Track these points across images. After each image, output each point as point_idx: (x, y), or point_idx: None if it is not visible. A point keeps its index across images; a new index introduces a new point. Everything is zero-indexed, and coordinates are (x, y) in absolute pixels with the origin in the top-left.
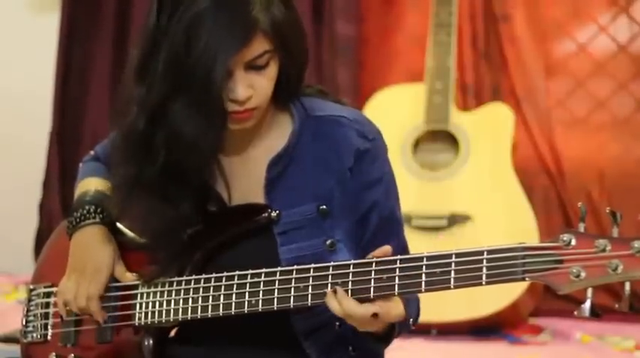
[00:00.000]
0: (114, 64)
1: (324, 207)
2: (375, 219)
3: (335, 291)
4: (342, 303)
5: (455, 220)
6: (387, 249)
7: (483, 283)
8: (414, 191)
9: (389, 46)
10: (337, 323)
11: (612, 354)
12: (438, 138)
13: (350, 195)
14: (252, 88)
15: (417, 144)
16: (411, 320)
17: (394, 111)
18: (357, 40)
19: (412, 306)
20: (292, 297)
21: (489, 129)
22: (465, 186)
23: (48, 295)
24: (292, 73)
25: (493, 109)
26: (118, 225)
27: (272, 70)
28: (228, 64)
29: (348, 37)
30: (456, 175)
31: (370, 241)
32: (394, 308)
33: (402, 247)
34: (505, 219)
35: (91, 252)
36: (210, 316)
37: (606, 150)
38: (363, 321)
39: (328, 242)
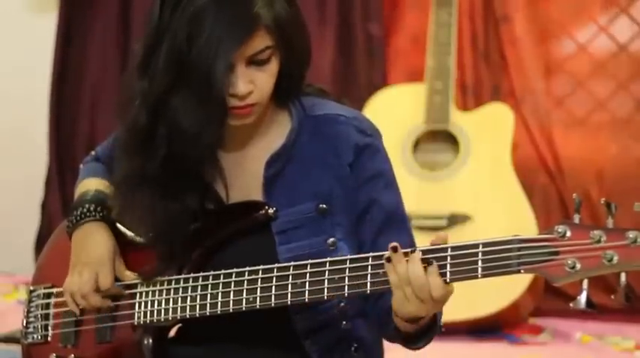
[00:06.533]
0: (111, 64)
1: (324, 205)
2: (378, 216)
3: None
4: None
5: (455, 220)
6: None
7: (479, 276)
8: (414, 191)
9: (389, 46)
10: (343, 322)
11: (612, 354)
12: (438, 138)
13: (350, 192)
14: (252, 83)
15: (417, 144)
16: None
17: (394, 111)
18: (382, 41)
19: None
20: (290, 294)
21: (489, 129)
22: (465, 186)
23: (48, 296)
24: (293, 70)
25: (493, 109)
26: (118, 225)
27: (273, 66)
28: (230, 58)
29: (377, 38)
30: (456, 175)
31: (376, 239)
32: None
33: (410, 245)
34: (505, 218)
35: (92, 247)
36: (208, 314)
37: (606, 150)
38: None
39: (329, 241)
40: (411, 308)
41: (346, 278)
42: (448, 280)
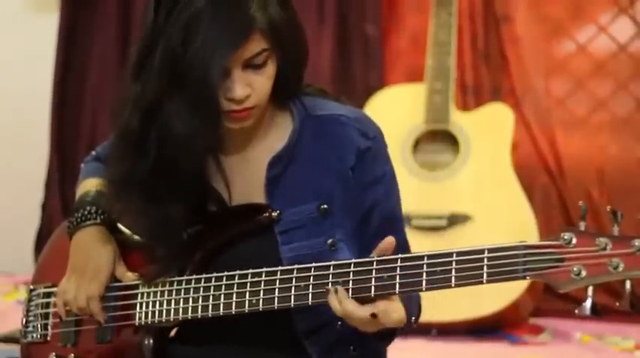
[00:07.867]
0: (112, 64)
1: (325, 206)
2: (377, 219)
3: (336, 291)
4: (342, 303)
5: (455, 220)
6: (391, 240)
7: (484, 282)
8: (414, 191)
9: (389, 46)
10: (339, 323)
11: (612, 354)
12: (438, 138)
13: (351, 194)
14: (250, 86)
15: (417, 144)
16: (413, 318)
17: (394, 111)
18: (380, 41)
19: (413, 305)
20: (293, 296)
21: (489, 129)
22: (465, 186)
23: (48, 295)
24: (291, 72)
25: (493, 109)
26: (119, 225)
27: (270, 69)
28: (226, 62)
29: (375, 39)
30: (456, 175)
31: (372, 241)
32: (395, 312)
33: (403, 245)
34: (505, 218)
35: (91, 252)
36: (210, 316)
37: (606, 150)
38: (362, 322)
39: (329, 241)
40: (374, 328)
41: (350, 281)
42: (453, 285)
